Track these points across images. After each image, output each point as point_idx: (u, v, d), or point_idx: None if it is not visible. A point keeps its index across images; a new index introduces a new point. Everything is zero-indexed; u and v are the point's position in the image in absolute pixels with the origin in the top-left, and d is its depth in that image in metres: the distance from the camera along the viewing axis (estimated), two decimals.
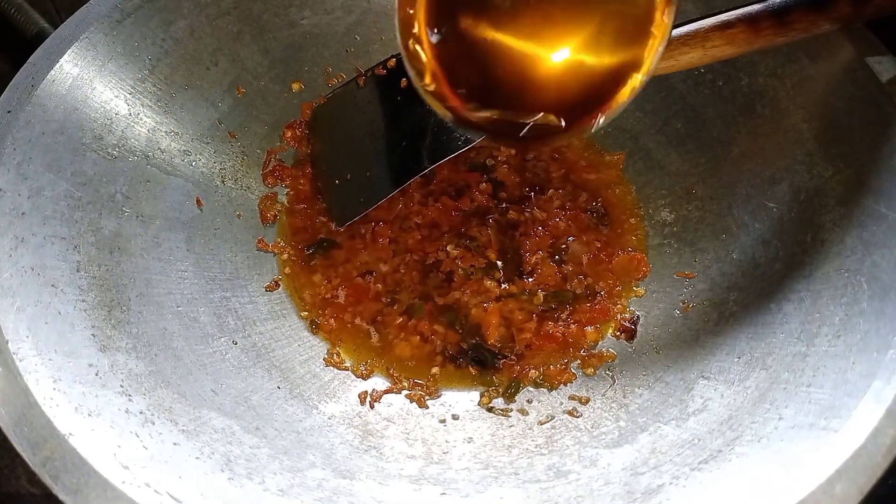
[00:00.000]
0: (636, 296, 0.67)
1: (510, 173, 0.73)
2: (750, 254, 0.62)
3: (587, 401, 0.60)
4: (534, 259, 0.67)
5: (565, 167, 0.74)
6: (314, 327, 0.65)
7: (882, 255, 0.53)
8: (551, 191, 0.72)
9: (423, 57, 0.48)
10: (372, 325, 0.65)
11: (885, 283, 0.51)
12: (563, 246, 0.69)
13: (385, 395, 0.61)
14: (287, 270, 0.68)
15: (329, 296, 0.66)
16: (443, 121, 0.65)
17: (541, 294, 0.66)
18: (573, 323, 0.65)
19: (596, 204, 0.72)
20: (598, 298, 0.66)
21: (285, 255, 0.68)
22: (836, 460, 0.44)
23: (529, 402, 0.60)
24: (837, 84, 0.60)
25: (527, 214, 0.70)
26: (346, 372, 0.62)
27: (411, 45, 0.48)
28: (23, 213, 0.53)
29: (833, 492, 0.43)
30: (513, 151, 0.74)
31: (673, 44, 0.59)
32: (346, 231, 0.69)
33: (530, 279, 0.67)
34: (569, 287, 0.67)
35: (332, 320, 0.65)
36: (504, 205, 0.71)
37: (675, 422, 0.54)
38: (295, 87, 0.74)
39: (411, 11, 0.47)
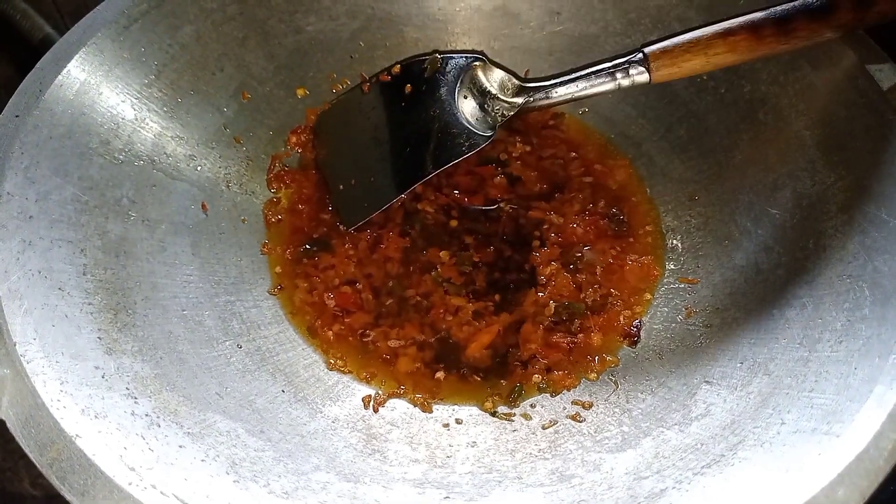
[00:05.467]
0: (646, 302, 0.67)
1: (525, 168, 0.73)
2: (752, 260, 0.62)
3: (590, 405, 0.60)
4: (548, 270, 0.66)
5: (584, 165, 0.74)
6: (311, 333, 0.65)
7: (884, 260, 0.53)
8: (573, 193, 0.71)
9: None
10: (364, 339, 0.64)
11: (887, 289, 0.52)
12: (578, 254, 0.68)
13: (389, 400, 0.61)
14: (277, 269, 0.68)
15: (318, 300, 0.66)
16: (446, 126, 0.65)
17: (552, 305, 0.65)
18: (581, 332, 0.64)
19: (615, 211, 0.71)
20: (610, 307, 0.66)
21: (273, 256, 0.68)
22: (838, 465, 0.44)
23: (533, 406, 0.61)
24: (839, 91, 0.61)
25: (551, 216, 0.69)
26: (350, 376, 0.62)
27: None
28: (30, 217, 0.53)
29: (835, 496, 0.43)
30: (528, 148, 0.74)
31: (675, 51, 0.59)
32: (345, 235, 0.69)
33: (543, 293, 0.66)
34: (583, 297, 0.66)
35: (329, 331, 0.64)
36: (511, 206, 0.71)
37: (678, 426, 0.54)
38: (300, 92, 0.74)
39: None
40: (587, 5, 0.74)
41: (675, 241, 0.69)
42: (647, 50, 0.61)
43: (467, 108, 0.67)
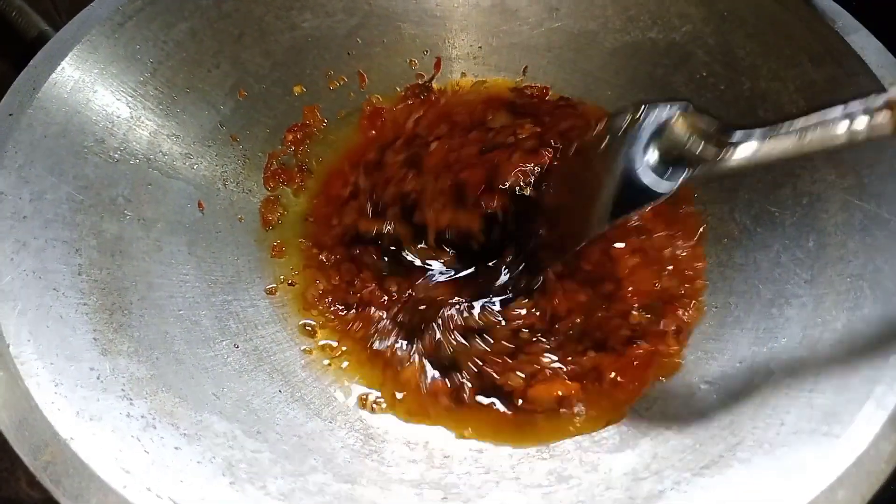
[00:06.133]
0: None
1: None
2: (752, 258, 0.62)
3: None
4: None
5: None
6: (308, 330, 0.64)
7: (885, 259, 0.53)
8: None
9: None
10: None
11: (888, 288, 0.51)
12: None
13: (387, 400, 0.60)
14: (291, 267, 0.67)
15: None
16: (624, 181, 0.56)
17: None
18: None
19: None
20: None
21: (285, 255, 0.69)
22: (838, 466, 0.44)
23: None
24: (840, 88, 0.60)
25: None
26: (348, 376, 0.62)
27: None
28: (24, 217, 0.53)
29: (835, 498, 0.43)
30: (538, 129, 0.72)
31: None
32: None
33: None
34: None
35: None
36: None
37: (676, 427, 0.54)
38: (296, 90, 0.74)
39: None
40: (586, 1, 0.73)
41: None
42: (888, 95, 0.45)
43: (652, 159, 0.55)
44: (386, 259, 0.69)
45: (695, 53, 0.69)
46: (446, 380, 0.61)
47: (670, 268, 0.65)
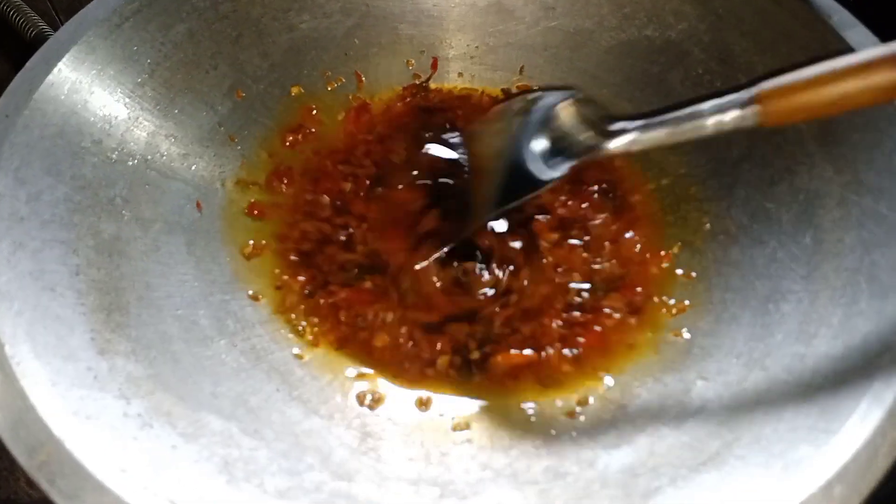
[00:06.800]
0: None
1: None
2: (748, 254, 0.62)
3: (585, 402, 0.59)
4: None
5: None
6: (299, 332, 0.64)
7: (881, 254, 0.53)
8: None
9: None
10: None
11: (885, 284, 0.51)
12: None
13: (385, 397, 0.60)
14: (277, 270, 0.66)
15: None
16: (511, 168, 0.59)
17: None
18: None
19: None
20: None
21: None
22: (835, 462, 0.44)
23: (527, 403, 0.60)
24: None
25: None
26: (345, 373, 0.62)
27: None
28: (21, 218, 0.53)
29: (832, 494, 0.43)
30: None
31: (793, 89, 0.48)
32: None
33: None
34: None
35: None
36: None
37: (673, 423, 0.54)
38: (294, 90, 0.74)
39: None
40: (581, 0, 0.73)
41: (669, 237, 0.68)
42: (757, 89, 0.49)
43: (538, 147, 0.59)
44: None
45: (691, 51, 0.69)
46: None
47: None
